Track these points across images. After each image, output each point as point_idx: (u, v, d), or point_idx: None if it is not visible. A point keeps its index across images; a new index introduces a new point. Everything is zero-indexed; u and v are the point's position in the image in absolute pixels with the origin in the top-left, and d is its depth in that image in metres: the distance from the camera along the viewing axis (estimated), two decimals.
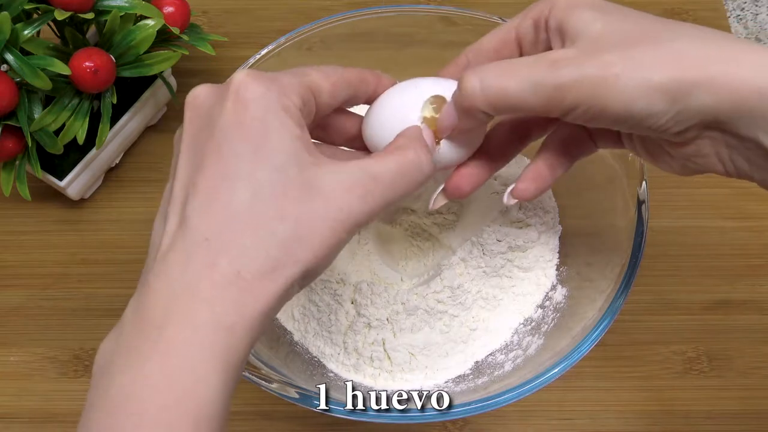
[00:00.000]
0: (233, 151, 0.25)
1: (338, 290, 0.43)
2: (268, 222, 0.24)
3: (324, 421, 0.45)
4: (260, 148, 0.25)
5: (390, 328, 0.42)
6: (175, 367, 0.23)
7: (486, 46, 0.32)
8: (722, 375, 0.46)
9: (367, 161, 0.27)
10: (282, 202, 0.25)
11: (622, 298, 0.36)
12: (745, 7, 0.77)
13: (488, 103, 0.27)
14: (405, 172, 0.28)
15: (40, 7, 0.44)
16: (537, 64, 0.27)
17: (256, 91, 0.26)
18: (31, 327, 0.49)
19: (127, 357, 0.24)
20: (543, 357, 0.38)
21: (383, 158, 0.28)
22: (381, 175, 0.27)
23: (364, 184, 0.26)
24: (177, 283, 0.24)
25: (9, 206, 0.53)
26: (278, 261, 0.24)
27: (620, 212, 0.39)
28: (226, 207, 0.25)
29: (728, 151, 0.27)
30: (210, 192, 0.25)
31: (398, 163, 0.28)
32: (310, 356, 0.43)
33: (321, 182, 0.26)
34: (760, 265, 0.50)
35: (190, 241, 0.24)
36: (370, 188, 0.26)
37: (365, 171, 0.27)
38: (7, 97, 0.43)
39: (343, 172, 0.26)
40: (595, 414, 0.45)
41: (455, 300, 0.42)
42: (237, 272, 0.24)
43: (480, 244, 0.44)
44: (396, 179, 0.27)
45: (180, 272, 0.24)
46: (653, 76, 0.25)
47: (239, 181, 0.25)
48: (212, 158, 0.25)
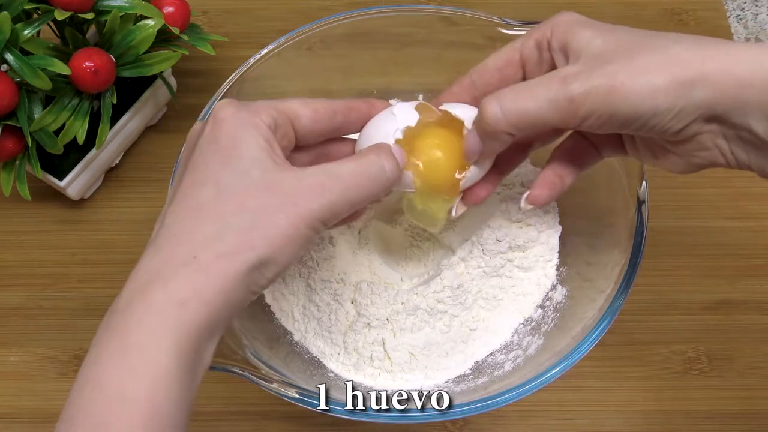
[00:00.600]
0: (205, 161, 0.29)
1: (338, 290, 0.43)
2: (227, 214, 0.27)
3: (324, 421, 0.45)
4: (228, 157, 0.28)
5: (390, 328, 0.42)
6: (129, 341, 0.25)
7: (491, 66, 0.34)
8: (722, 375, 0.46)
9: (329, 164, 0.30)
10: (242, 198, 0.28)
11: (622, 298, 0.36)
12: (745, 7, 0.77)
13: (511, 125, 0.30)
14: (365, 172, 0.30)
15: (40, 7, 0.44)
16: (550, 83, 0.29)
17: (228, 112, 0.30)
18: (31, 327, 0.49)
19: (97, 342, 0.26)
20: (543, 357, 0.38)
21: (345, 161, 0.30)
22: (340, 173, 0.29)
23: (323, 181, 0.29)
24: (143, 273, 0.27)
25: (9, 206, 0.53)
26: (234, 247, 0.27)
27: (620, 212, 0.39)
28: (193, 206, 0.28)
29: (727, 143, 0.29)
30: (183, 196, 0.29)
31: (359, 163, 0.30)
32: (310, 356, 0.43)
33: (282, 182, 0.28)
34: (760, 265, 0.50)
35: (162, 237, 0.28)
36: (328, 185, 0.29)
37: (325, 171, 0.29)
38: (7, 97, 0.43)
39: (304, 173, 0.29)
40: (595, 414, 0.45)
41: (455, 300, 0.42)
42: (193, 256, 0.27)
43: (480, 243, 0.43)
44: (356, 178, 0.30)
45: (147, 264, 0.27)
46: (655, 80, 0.27)
47: (206, 184, 0.28)
48: (189, 170, 0.29)
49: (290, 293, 0.44)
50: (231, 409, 0.46)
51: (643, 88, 0.27)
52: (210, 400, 0.46)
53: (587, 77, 0.28)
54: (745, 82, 0.26)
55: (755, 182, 0.53)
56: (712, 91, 0.27)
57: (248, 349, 0.37)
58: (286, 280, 0.44)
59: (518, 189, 0.46)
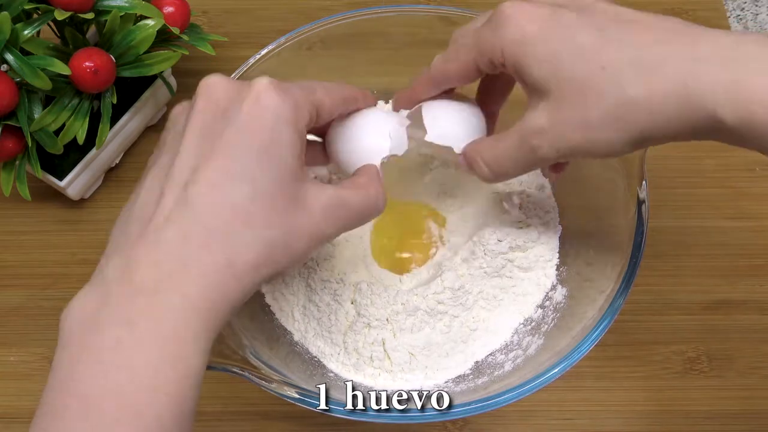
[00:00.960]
0: (243, 152, 0.27)
1: (338, 290, 0.43)
2: (260, 224, 0.27)
3: (324, 421, 0.45)
4: (266, 157, 0.27)
5: (390, 328, 0.42)
6: (165, 330, 0.25)
7: (452, 72, 0.35)
8: (722, 375, 0.46)
9: (342, 190, 0.31)
10: (274, 210, 0.28)
11: (622, 298, 0.36)
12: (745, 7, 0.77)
13: (494, 176, 0.35)
14: (366, 207, 0.32)
15: (40, 7, 0.44)
16: (521, 148, 0.32)
17: (274, 100, 0.28)
18: (31, 327, 0.49)
19: (119, 316, 0.25)
20: (543, 357, 0.38)
21: (354, 191, 0.32)
22: (351, 205, 0.31)
23: (337, 209, 0.30)
24: (173, 258, 0.26)
25: (9, 206, 0.53)
26: (263, 259, 0.27)
27: (620, 212, 0.39)
28: (228, 202, 0.27)
29: None
30: (215, 184, 0.27)
31: (365, 198, 0.32)
32: (310, 356, 0.43)
33: (306, 199, 0.29)
34: (760, 265, 0.50)
35: (190, 223, 0.26)
36: (340, 214, 0.30)
37: (339, 198, 0.30)
38: (7, 97, 0.43)
39: (323, 194, 0.30)
40: (595, 414, 0.45)
41: (456, 301, 0.42)
42: (228, 260, 0.26)
43: (481, 244, 0.43)
44: (360, 211, 0.32)
45: (177, 249, 0.26)
46: (611, 138, 0.29)
47: (243, 180, 0.27)
48: (222, 153, 0.27)
49: (290, 293, 0.44)
50: (231, 409, 0.46)
51: (600, 147, 0.30)
52: (210, 400, 0.46)
53: (552, 144, 0.31)
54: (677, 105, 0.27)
55: (755, 182, 0.53)
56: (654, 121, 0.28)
57: (248, 349, 0.37)
58: (286, 280, 0.44)
59: (518, 188, 0.46)
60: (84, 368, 0.25)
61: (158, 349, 0.25)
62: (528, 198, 0.45)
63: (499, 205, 0.45)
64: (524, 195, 0.45)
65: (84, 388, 0.24)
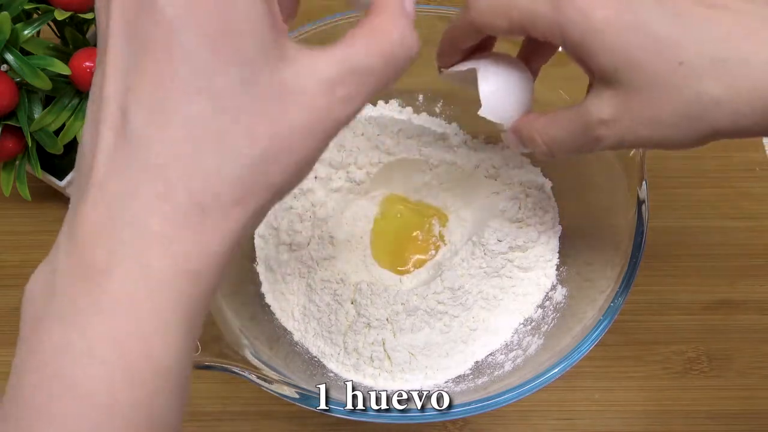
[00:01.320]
0: (185, 44, 0.19)
1: (338, 290, 0.43)
2: (234, 141, 0.20)
3: (324, 421, 0.45)
4: (220, 39, 0.19)
5: (390, 328, 0.42)
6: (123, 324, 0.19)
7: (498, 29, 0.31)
8: (722, 375, 0.46)
9: (346, 50, 0.22)
10: (250, 115, 0.20)
11: (622, 298, 0.36)
12: None
13: (551, 155, 0.33)
14: (391, 59, 0.23)
15: (40, 7, 0.44)
16: (585, 135, 0.30)
17: None
18: None
19: (66, 309, 0.19)
20: (543, 357, 0.38)
21: (367, 41, 0.22)
22: (365, 68, 0.22)
23: (347, 82, 0.21)
24: (121, 216, 0.19)
25: (9, 206, 0.53)
26: (248, 187, 0.20)
27: (620, 212, 0.39)
28: (182, 123, 0.19)
29: None
30: (159, 102, 0.19)
31: (385, 47, 0.23)
32: (310, 356, 0.43)
33: (295, 84, 0.20)
34: (760, 265, 0.50)
35: (137, 164, 0.19)
36: (353, 88, 0.22)
37: (345, 62, 0.21)
38: (7, 97, 0.43)
39: (318, 63, 0.21)
40: (595, 414, 0.45)
41: (456, 301, 0.42)
42: (197, 203, 0.19)
43: (481, 244, 0.43)
44: (381, 69, 0.23)
45: (125, 203, 0.19)
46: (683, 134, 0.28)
47: (196, 90, 0.19)
48: (158, 54, 0.19)
49: (290, 293, 0.44)
50: (231, 409, 0.46)
51: (670, 143, 0.28)
52: (210, 400, 0.46)
53: (618, 132, 0.29)
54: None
55: (755, 182, 0.53)
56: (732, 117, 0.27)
57: (248, 349, 0.37)
58: (287, 279, 0.44)
59: (518, 188, 0.46)
60: (28, 379, 0.19)
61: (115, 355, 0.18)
62: (528, 198, 0.45)
63: (499, 205, 0.45)
64: (524, 195, 0.45)
65: (26, 408, 0.19)
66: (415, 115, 0.49)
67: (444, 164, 0.47)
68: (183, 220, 0.19)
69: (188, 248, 0.19)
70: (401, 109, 0.49)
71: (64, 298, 0.20)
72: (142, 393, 0.19)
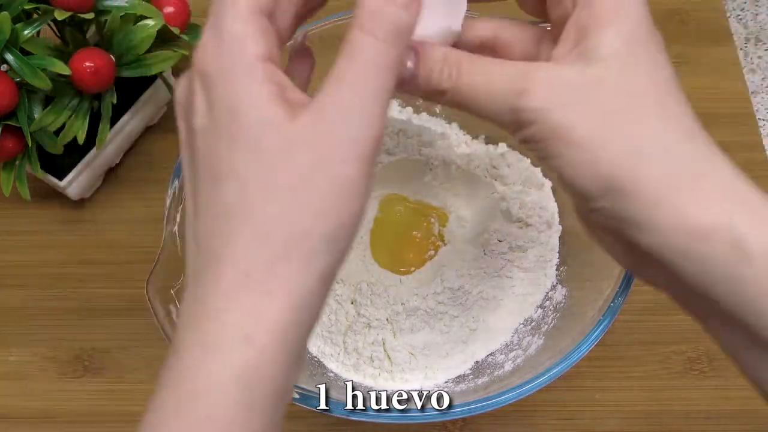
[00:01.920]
0: (212, 149, 0.22)
1: (338, 290, 0.43)
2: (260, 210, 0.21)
3: (324, 421, 0.45)
4: (234, 134, 0.21)
5: (390, 328, 0.42)
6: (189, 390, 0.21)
7: None
8: (722, 375, 0.46)
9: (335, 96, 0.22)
10: (271, 188, 0.21)
11: (622, 298, 0.36)
12: (745, 7, 0.77)
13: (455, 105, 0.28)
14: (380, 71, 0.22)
15: (40, 7, 0.44)
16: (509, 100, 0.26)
17: (211, 65, 0.22)
18: (31, 327, 0.49)
19: (158, 392, 0.22)
20: (543, 357, 0.38)
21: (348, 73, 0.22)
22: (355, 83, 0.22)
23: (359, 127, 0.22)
24: (190, 303, 0.22)
25: (9, 206, 0.53)
26: (284, 244, 0.20)
27: None
28: (221, 212, 0.21)
29: None
30: (206, 203, 0.22)
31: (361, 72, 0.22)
32: (310, 356, 0.43)
33: (304, 137, 0.21)
34: None
35: (201, 257, 0.22)
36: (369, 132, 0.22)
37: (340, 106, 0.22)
38: (7, 97, 0.43)
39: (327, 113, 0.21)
40: (595, 414, 0.45)
41: (455, 301, 0.42)
42: (245, 272, 0.20)
43: (481, 244, 0.44)
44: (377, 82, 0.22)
45: (192, 292, 0.22)
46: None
47: (228, 179, 0.21)
48: (202, 166, 0.22)
49: None
50: None
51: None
52: None
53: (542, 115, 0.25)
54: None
55: (755, 182, 0.53)
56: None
57: None
58: None
59: (518, 188, 0.46)
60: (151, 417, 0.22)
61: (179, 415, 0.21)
62: (528, 198, 0.45)
63: (499, 205, 0.45)
64: (524, 195, 0.45)
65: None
66: (415, 115, 0.49)
67: (444, 164, 0.47)
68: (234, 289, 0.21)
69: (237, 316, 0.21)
70: (401, 109, 0.49)
71: (161, 380, 0.22)
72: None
